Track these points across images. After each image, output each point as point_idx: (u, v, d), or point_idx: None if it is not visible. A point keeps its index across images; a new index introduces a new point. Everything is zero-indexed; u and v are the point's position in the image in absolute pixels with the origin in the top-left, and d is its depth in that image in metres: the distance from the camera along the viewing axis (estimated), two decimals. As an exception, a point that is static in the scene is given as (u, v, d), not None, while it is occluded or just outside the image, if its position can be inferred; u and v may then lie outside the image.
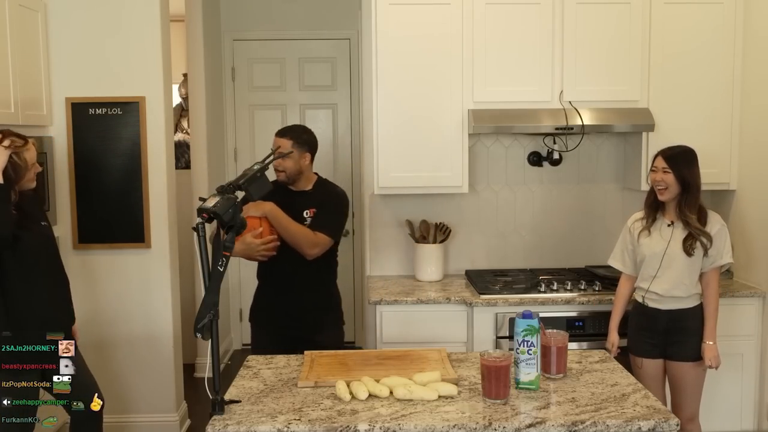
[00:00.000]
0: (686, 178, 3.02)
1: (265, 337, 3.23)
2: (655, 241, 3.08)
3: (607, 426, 2.05)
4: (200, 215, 2.21)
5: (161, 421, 4.02)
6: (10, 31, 3.32)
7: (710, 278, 3.06)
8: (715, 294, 3.06)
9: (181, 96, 5.64)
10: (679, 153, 3.08)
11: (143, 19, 3.84)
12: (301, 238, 3.04)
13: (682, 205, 3.04)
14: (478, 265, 4.09)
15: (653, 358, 3.11)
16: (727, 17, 3.72)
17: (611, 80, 3.70)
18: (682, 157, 3.06)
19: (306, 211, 3.13)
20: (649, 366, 3.11)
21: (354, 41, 5.53)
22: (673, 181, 3.02)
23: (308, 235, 3.05)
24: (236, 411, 2.14)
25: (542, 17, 3.66)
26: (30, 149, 2.84)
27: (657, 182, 3.06)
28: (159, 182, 3.91)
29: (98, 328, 3.91)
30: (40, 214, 3.01)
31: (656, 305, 3.09)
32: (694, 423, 3.11)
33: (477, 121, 3.61)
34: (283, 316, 3.18)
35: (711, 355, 3.03)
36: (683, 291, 3.04)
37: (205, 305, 2.16)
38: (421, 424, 2.03)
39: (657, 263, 3.05)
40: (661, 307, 3.08)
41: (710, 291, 3.06)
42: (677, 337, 3.06)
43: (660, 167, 3.06)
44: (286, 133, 3.19)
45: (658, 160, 3.09)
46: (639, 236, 3.13)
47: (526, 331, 2.30)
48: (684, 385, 3.08)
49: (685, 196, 3.03)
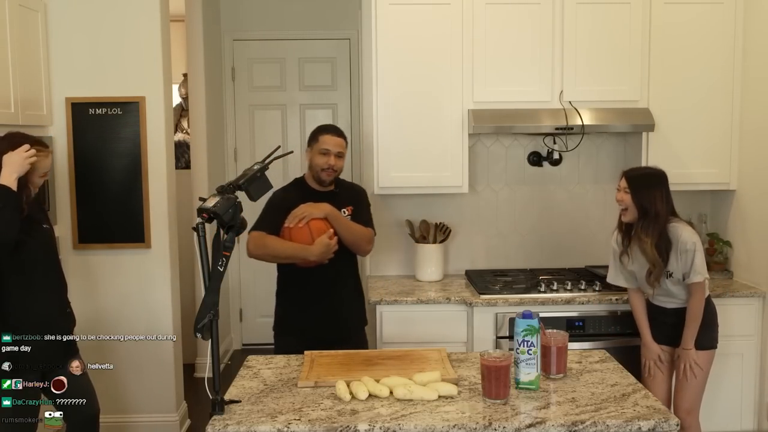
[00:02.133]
0: (643, 203, 2.96)
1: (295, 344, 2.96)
2: (637, 266, 3.08)
3: (607, 426, 2.05)
4: (200, 215, 2.21)
5: (161, 421, 4.02)
6: (10, 31, 3.31)
7: (692, 291, 3.01)
8: (696, 305, 3.00)
9: (181, 96, 5.64)
10: (641, 176, 3.03)
11: (143, 19, 3.84)
12: (360, 235, 3.10)
13: (639, 230, 2.98)
14: (478, 265, 4.09)
15: (664, 345, 3.13)
16: (727, 17, 3.72)
17: (611, 80, 3.70)
18: (642, 181, 3.00)
19: (343, 209, 3.15)
20: (660, 351, 3.13)
21: (354, 41, 5.53)
22: (630, 203, 2.99)
23: (365, 232, 3.13)
24: (236, 411, 2.14)
25: (542, 17, 3.66)
26: (47, 157, 2.85)
27: (618, 201, 3.05)
28: (159, 182, 3.91)
29: (98, 328, 3.91)
30: (42, 216, 3.00)
31: (661, 304, 3.12)
32: (692, 417, 3.10)
33: (477, 121, 3.61)
34: (325, 320, 3.12)
35: (687, 359, 3.01)
36: (677, 303, 3.06)
37: (205, 305, 2.16)
38: (421, 424, 2.03)
39: (645, 282, 3.07)
40: (666, 306, 3.10)
41: (692, 302, 3.01)
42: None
43: (622, 187, 3.03)
44: (341, 133, 3.20)
45: (622, 179, 3.05)
46: (621, 258, 3.14)
47: (526, 331, 2.30)
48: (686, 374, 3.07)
49: (642, 221, 2.97)
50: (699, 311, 3.01)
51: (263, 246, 3.04)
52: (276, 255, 3.07)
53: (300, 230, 2.99)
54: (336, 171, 3.16)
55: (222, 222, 2.22)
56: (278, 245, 3.02)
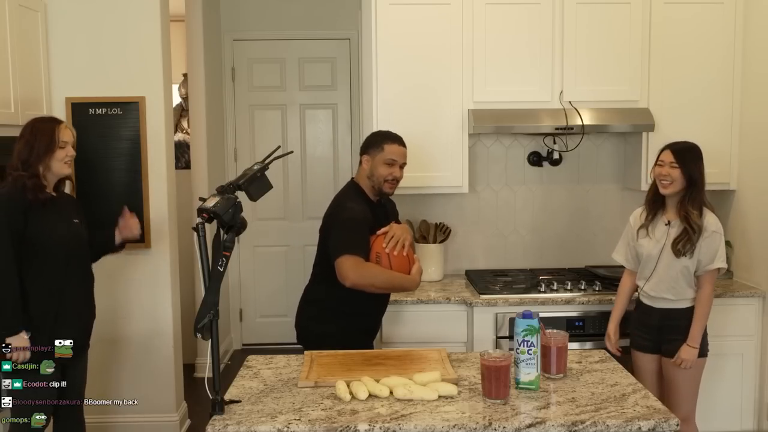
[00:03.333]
0: (693, 175, 3.00)
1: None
2: (651, 243, 3.07)
3: (607, 426, 2.05)
4: (200, 215, 2.21)
5: (161, 421, 4.02)
6: (10, 31, 3.31)
7: (704, 281, 3.02)
8: (707, 297, 3.01)
9: (181, 96, 5.64)
10: (688, 148, 3.06)
11: (143, 19, 3.84)
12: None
13: (686, 201, 3.01)
14: (478, 265, 4.09)
15: (649, 353, 3.12)
16: (727, 17, 3.72)
17: (611, 80, 3.70)
18: (690, 153, 3.04)
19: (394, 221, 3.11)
20: (644, 360, 3.12)
21: (354, 41, 5.53)
22: (679, 176, 3.00)
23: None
24: (236, 411, 2.14)
25: (542, 17, 3.66)
26: (65, 129, 2.89)
27: (662, 176, 3.04)
28: (159, 182, 3.91)
29: (98, 328, 3.88)
30: (73, 211, 3.02)
31: (649, 303, 3.10)
32: (689, 423, 3.09)
33: (477, 121, 3.61)
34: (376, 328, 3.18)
35: (687, 357, 3.00)
36: (674, 294, 3.03)
37: (205, 305, 2.16)
38: (421, 424, 2.03)
39: (652, 265, 3.05)
40: (653, 305, 3.09)
41: (702, 294, 3.02)
42: (670, 336, 3.05)
43: (667, 161, 3.04)
44: (404, 142, 3.06)
45: (665, 154, 3.06)
46: (638, 233, 3.13)
47: (526, 331, 2.30)
48: (677, 383, 3.06)
49: (690, 191, 3.01)
50: (709, 303, 3.01)
51: (369, 276, 2.81)
52: (380, 287, 2.89)
53: (401, 257, 2.86)
54: (397, 183, 3.04)
55: (222, 222, 2.22)
56: (384, 277, 2.84)
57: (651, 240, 3.08)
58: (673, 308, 3.04)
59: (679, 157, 3.02)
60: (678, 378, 3.05)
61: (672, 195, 3.04)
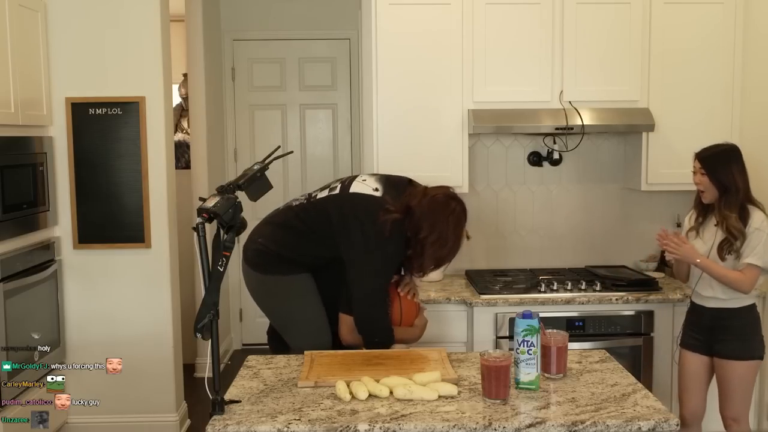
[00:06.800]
0: (722, 181, 2.96)
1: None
2: (700, 244, 3.05)
3: (607, 426, 2.05)
4: (200, 215, 2.21)
5: (161, 421, 4.02)
6: (10, 31, 3.32)
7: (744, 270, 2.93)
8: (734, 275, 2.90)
9: (181, 96, 5.65)
10: (713, 154, 3.02)
11: (143, 19, 3.84)
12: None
13: (722, 207, 2.97)
14: (478, 265, 4.09)
15: (697, 353, 3.09)
16: (727, 17, 3.72)
17: (611, 80, 3.70)
18: (715, 159, 2.99)
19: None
20: (691, 360, 3.11)
21: (354, 41, 5.53)
22: (708, 184, 2.98)
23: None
24: (236, 411, 2.14)
25: (542, 17, 3.66)
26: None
27: (696, 184, 3.04)
28: (159, 182, 3.91)
29: (98, 328, 3.91)
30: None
31: (701, 302, 3.08)
32: (740, 424, 3.05)
33: (477, 121, 3.61)
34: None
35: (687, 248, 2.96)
36: (724, 293, 2.99)
37: (205, 305, 2.16)
38: (421, 424, 2.03)
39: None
40: (705, 304, 3.06)
41: (734, 273, 2.92)
42: (722, 335, 3.01)
43: (697, 169, 3.02)
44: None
45: (694, 161, 3.04)
46: (688, 234, 3.10)
47: (526, 331, 2.30)
48: (729, 383, 3.03)
49: (725, 197, 2.96)
50: (727, 276, 2.91)
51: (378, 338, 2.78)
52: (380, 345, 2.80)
53: (412, 303, 2.90)
54: None
55: (222, 222, 2.22)
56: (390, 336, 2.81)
57: (700, 241, 3.06)
58: (725, 308, 3.00)
59: (706, 164, 2.99)
60: (729, 377, 3.02)
61: (712, 201, 3.01)
